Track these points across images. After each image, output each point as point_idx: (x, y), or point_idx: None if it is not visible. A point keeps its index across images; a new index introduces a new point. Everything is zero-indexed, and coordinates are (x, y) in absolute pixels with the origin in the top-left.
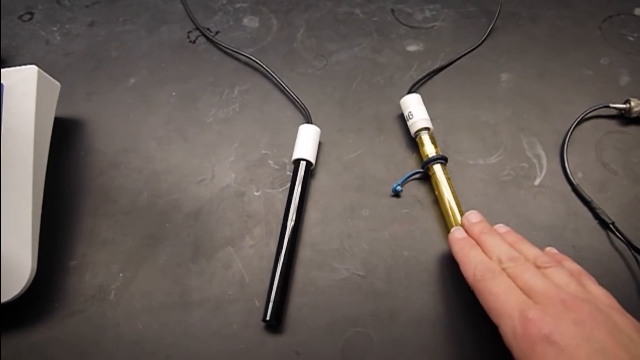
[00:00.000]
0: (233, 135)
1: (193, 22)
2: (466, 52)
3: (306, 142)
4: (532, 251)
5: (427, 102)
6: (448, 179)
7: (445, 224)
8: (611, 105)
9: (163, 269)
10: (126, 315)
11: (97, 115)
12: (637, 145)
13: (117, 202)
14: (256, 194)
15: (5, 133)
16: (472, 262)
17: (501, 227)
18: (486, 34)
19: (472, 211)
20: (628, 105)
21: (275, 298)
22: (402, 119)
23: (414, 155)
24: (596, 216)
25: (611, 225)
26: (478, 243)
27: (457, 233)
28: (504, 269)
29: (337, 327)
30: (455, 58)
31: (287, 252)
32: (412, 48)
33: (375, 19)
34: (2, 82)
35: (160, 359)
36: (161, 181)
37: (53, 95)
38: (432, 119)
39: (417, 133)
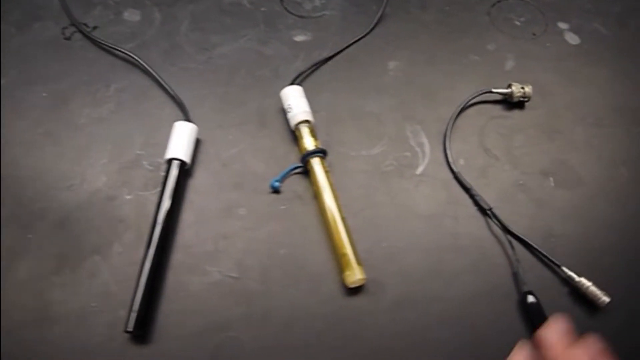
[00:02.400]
0: (107, 137)
1: (69, 17)
2: (354, 40)
3: (180, 140)
4: None
5: (312, 94)
6: (326, 172)
7: (323, 219)
8: (494, 90)
9: (23, 284)
10: None
11: None
12: (519, 129)
13: None
14: (128, 197)
15: None
16: None
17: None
18: (375, 22)
19: (555, 323)
20: (510, 90)
21: (138, 307)
22: (285, 113)
23: (296, 149)
24: (475, 203)
25: (489, 212)
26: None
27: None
28: None
29: (206, 333)
30: (343, 47)
31: (155, 257)
32: (299, 38)
33: (263, 9)
34: None
35: None
36: (26, 189)
37: None
38: (316, 111)
39: (297, 126)
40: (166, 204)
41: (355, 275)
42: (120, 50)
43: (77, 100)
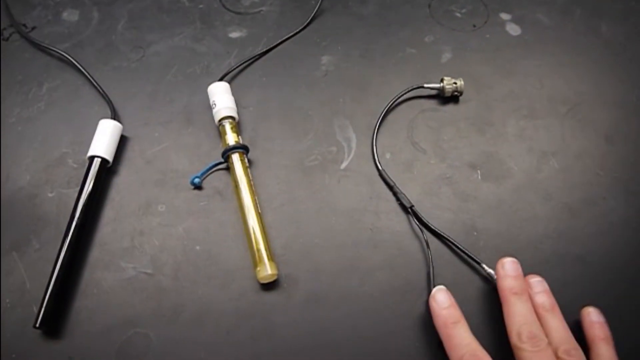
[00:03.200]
0: (35, 135)
1: (8, 17)
2: (288, 36)
3: (103, 138)
4: (559, 333)
5: (242, 90)
6: (245, 168)
7: (241, 215)
8: (425, 85)
9: None
10: None
11: None
12: (450, 123)
13: None
14: (50, 194)
15: None
16: (457, 349)
17: (536, 284)
18: (310, 17)
19: (510, 259)
20: (442, 84)
21: (47, 303)
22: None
23: (220, 145)
24: (398, 199)
25: (410, 209)
26: (503, 303)
27: (440, 298)
28: (519, 348)
29: (115, 329)
30: (277, 43)
31: (68, 253)
32: (234, 35)
33: (201, 6)
34: None
35: None
36: None
37: None
38: (245, 107)
39: (220, 122)
40: (83, 200)
41: (265, 270)
42: (55, 50)
43: (9, 100)
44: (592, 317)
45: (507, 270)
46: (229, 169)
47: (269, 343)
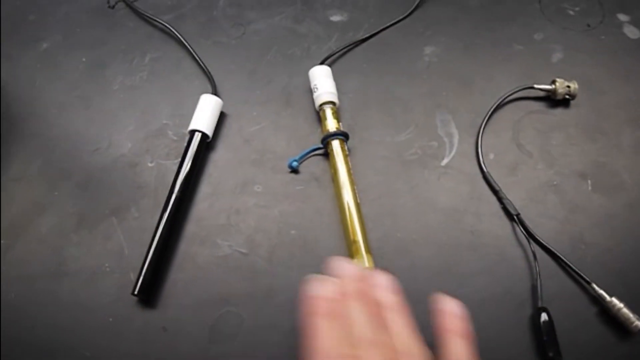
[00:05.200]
0: (136, 104)
1: None
2: (391, 23)
3: (204, 113)
4: (401, 337)
5: (342, 75)
6: (346, 156)
7: (338, 204)
8: (535, 86)
9: (44, 238)
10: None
11: (5, 80)
12: (559, 127)
13: (9, 169)
14: (150, 164)
15: None
16: (320, 345)
17: (381, 284)
18: (415, 5)
19: (342, 261)
20: (553, 86)
21: (146, 272)
22: (312, 93)
23: (319, 130)
24: (502, 206)
25: (515, 217)
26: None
27: (316, 286)
28: (355, 357)
29: (209, 305)
30: (379, 30)
31: (167, 225)
32: (335, 18)
33: None
34: None
35: (22, 328)
36: (56, 149)
37: None
38: (344, 93)
39: (321, 107)
40: (183, 174)
41: (363, 263)
42: (158, 21)
43: (113, 67)
44: (444, 305)
45: (346, 269)
46: (328, 155)
47: None
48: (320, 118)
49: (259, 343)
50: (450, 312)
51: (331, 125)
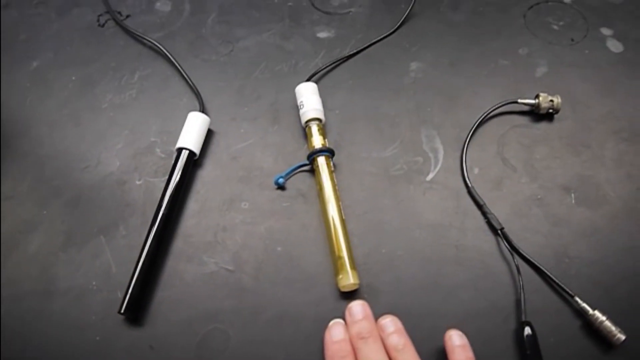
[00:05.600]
0: (125, 122)
1: (105, 4)
2: (377, 39)
3: (191, 130)
4: None
5: (328, 91)
6: (331, 172)
7: (324, 220)
8: (519, 101)
9: (32, 257)
10: None
11: None
12: (543, 141)
13: None
14: (138, 182)
15: None
16: None
17: (388, 325)
18: (401, 21)
19: (357, 302)
20: (537, 100)
21: (132, 290)
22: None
23: (305, 147)
24: (487, 221)
25: (499, 231)
26: (354, 349)
27: (334, 331)
28: None
29: (196, 322)
30: (365, 46)
31: (154, 243)
32: (322, 35)
33: (290, 4)
34: None
35: (17, 347)
36: (46, 167)
37: None
38: (331, 109)
39: (307, 123)
40: (170, 191)
41: (348, 279)
42: (147, 40)
43: (103, 85)
44: (454, 340)
45: (354, 315)
46: (314, 171)
47: None
48: (306, 134)
49: (246, 359)
50: (460, 345)
51: (317, 141)
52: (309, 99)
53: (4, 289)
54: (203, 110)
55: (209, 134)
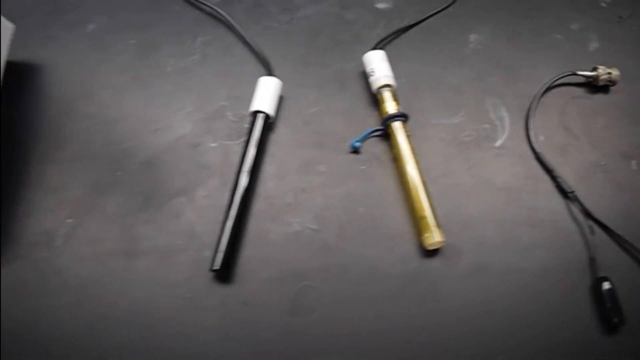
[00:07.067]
0: (192, 86)
1: None
2: (436, 11)
3: (266, 94)
4: None
5: (391, 61)
6: (408, 136)
7: (402, 182)
8: (578, 72)
9: (111, 217)
10: (72, 262)
11: (53, 61)
12: (602, 112)
13: (67, 148)
14: (212, 145)
15: None
16: None
17: None
18: None
19: None
20: (595, 72)
21: (224, 247)
22: (365, 77)
23: (375, 113)
24: (557, 185)
25: (570, 195)
26: None
27: None
28: None
29: (286, 280)
30: (424, 17)
31: (241, 202)
32: (381, 5)
33: None
34: None
35: (104, 305)
36: (115, 129)
37: (5, 37)
38: (396, 78)
39: (379, 90)
40: (252, 153)
41: (434, 237)
42: (207, 5)
43: (164, 49)
44: None
45: None
46: (388, 136)
47: (434, 308)
48: (377, 101)
49: (337, 316)
50: None
51: (391, 107)
52: (379, 66)
53: (87, 249)
54: (273, 74)
55: (279, 100)
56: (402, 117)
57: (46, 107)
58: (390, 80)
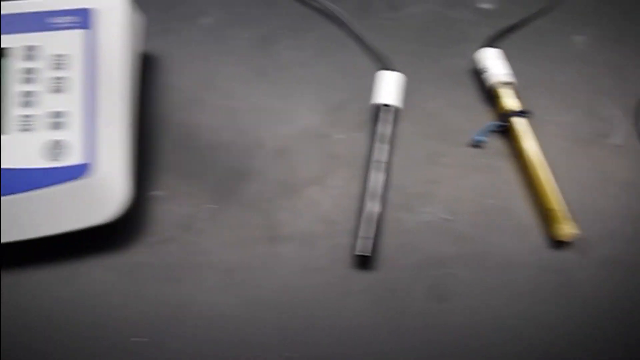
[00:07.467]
0: (310, 79)
1: None
2: (540, 12)
3: (390, 87)
4: None
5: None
6: (530, 132)
7: (528, 175)
8: None
9: (249, 203)
10: (216, 245)
11: (173, 52)
12: None
13: (198, 137)
14: (339, 136)
15: (102, 58)
16: None
17: None
18: None
19: None
20: None
21: (373, 234)
22: (477, 74)
23: (491, 109)
24: None
25: None
26: None
27: None
28: None
29: (425, 267)
30: (530, 17)
31: (382, 191)
32: (485, 5)
33: None
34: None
35: (249, 287)
36: (242, 119)
37: (140, 26)
38: None
39: (498, 86)
40: (381, 145)
41: (567, 228)
42: (316, 1)
43: (279, 44)
44: None
45: None
46: (508, 131)
47: (569, 298)
48: (493, 97)
49: (479, 303)
50: None
51: (513, 103)
52: (496, 63)
53: (232, 234)
54: (392, 68)
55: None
56: (527, 113)
57: (171, 98)
58: (510, 78)
